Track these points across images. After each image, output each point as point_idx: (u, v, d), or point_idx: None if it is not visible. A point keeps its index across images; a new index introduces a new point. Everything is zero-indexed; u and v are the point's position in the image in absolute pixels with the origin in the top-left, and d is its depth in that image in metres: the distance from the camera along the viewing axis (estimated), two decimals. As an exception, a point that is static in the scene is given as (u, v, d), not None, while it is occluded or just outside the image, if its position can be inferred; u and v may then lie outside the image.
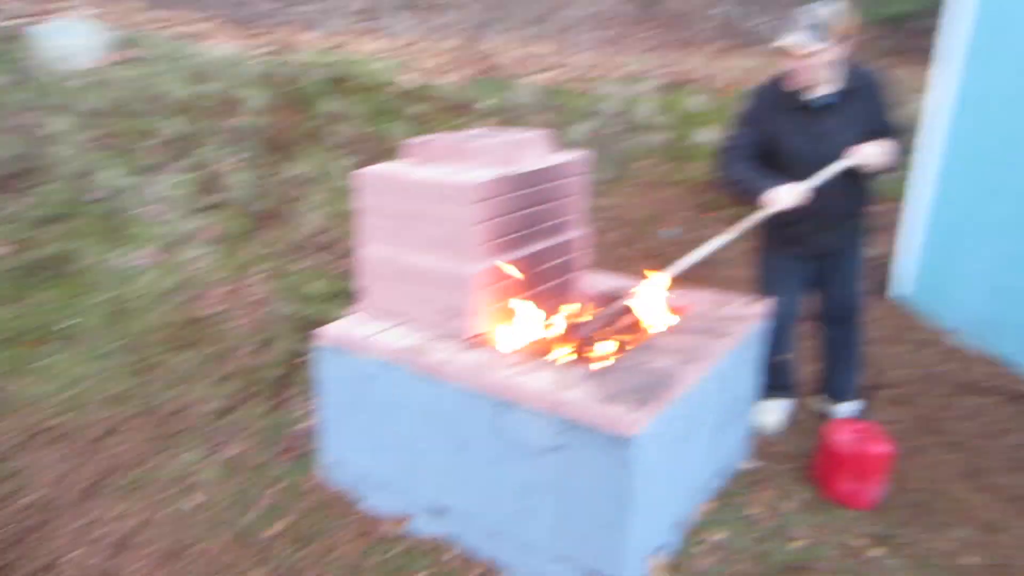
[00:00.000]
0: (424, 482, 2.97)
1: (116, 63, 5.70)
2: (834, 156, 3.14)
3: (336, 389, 3.16)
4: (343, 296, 4.68)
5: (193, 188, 4.96)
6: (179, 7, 10.43)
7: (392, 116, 6.41)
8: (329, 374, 3.16)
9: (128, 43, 5.83)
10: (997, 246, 4.44)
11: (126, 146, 4.99)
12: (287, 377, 3.98)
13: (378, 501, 3.15)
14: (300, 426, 3.67)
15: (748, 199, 3.23)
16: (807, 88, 3.22)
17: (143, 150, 5.04)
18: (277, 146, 5.55)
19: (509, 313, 3.07)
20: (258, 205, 5.07)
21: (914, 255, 5.27)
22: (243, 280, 4.52)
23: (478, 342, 2.91)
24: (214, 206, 4.92)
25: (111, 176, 4.77)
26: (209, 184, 5.05)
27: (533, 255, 3.14)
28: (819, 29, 3.03)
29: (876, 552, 2.85)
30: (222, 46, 6.51)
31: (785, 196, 3.09)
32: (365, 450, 3.13)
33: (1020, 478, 3.30)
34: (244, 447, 3.52)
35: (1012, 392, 3.98)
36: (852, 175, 3.26)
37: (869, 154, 3.10)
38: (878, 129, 3.22)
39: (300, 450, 3.52)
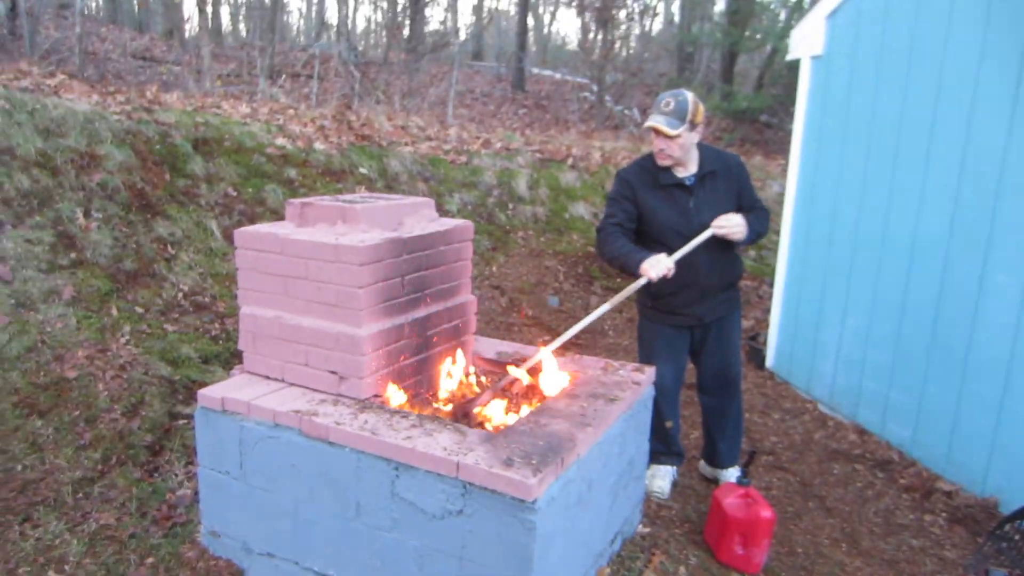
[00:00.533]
0: (314, 551, 2.91)
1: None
2: (703, 229, 3.34)
3: (218, 453, 3.08)
4: (219, 358, 4.50)
5: (49, 245, 4.73)
6: (21, 61, 9.84)
7: (266, 179, 6.28)
8: (210, 437, 3.08)
9: (-30, 92, 5.45)
10: (847, 322, 4.81)
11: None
12: (160, 442, 3.85)
13: (264, 572, 3.07)
14: (177, 493, 3.56)
15: (626, 271, 3.47)
16: (673, 167, 3.44)
17: (-9, 204, 4.67)
18: (143, 205, 5.36)
19: (401, 376, 3.02)
20: (125, 264, 4.91)
21: (781, 328, 5.61)
22: (109, 342, 4.32)
23: (370, 404, 2.87)
24: (74, 264, 4.72)
25: (-46, 231, 4.38)
26: (68, 242, 4.84)
27: (423, 319, 3.15)
28: (678, 114, 3.38)
29: (766, 614, 2.92)
30: (77, 101, 6.16)
31: (656, 266, 3.33)
32: (250, 517, 3.05)
33: (892, 542, 3.54)
34: (114, 517, 3.37)
35: (878, 459, 4.29)
36: (721, 249, 3.48)
37: (729, 224, 3.42)
38: (745, 206, 3.50)
39: (176, 519, 3.41)
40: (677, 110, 3.35)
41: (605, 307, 3.42)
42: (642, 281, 3.35)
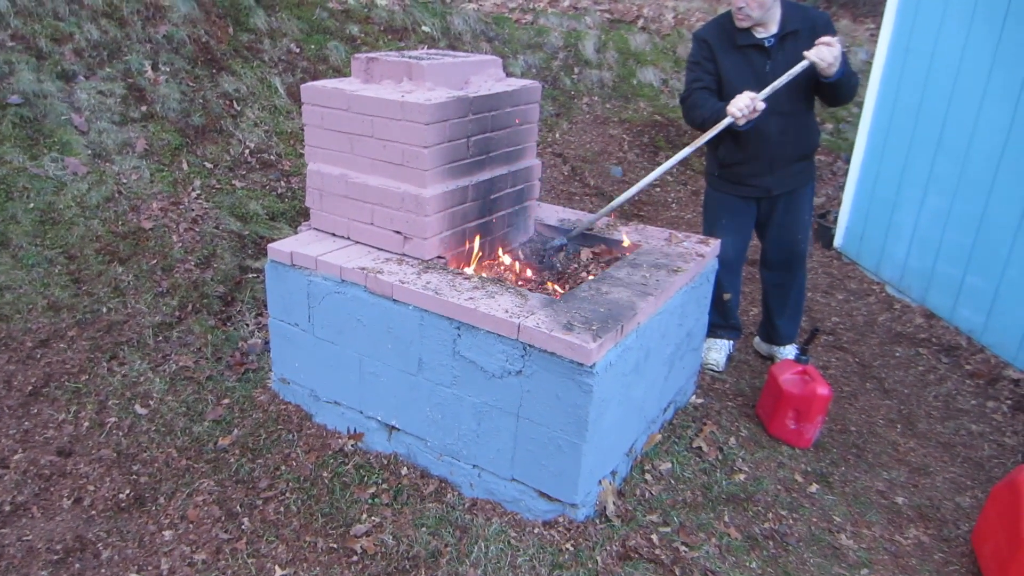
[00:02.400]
0: (377, 401, 3.04)
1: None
2: (781, 96, 3.14)
3: (287, 306, 3.19)
4: (285, 216, 4.62)
5: (120, 98, 4.78)
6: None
7: (328, 35, 6.16)
8: (280, 290, 3.18)
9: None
10: (927, 201, 4.60)
11: (44, 49, 4.70)
12: (231, 293, 4.01)
13: (331, 417, 3.23)
14: (249, 341, 3.72)
15: (713, 122, 3.24)
16: (753, 27, 3.22)
17: (63, 54, 4.73)
18: (208, 59, 5.34)
19: (466, 237, 3.03)
20: (193, 119, 4.94)
21: (854, 206, 5.41)
22: (181, 195, 4.44)
23: (433, 265, 2.94)
24: (145, 118, 4.77)
25: (30, 80, 4.51)
26: (138, 95, 4.88)
27: (487, 182, 3.10)
28: None
29: (813, 488, 3.08)
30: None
31: (739, 103, 3.10)
32: (317, 367, 3.19)
33: (950, 426, 3.51)
34: (192, 360, 3.57)
35: (944, 343, 4.21)
36: (796, 115, 3.28)
37: (824, 53, 3.10)
38: None
39: (249, 365, 3.59)
40: None
41: (685, 151, 3.27)
42: (727, 121, 3.14)
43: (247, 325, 3.82)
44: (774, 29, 3.30)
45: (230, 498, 2.82)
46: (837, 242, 5.66)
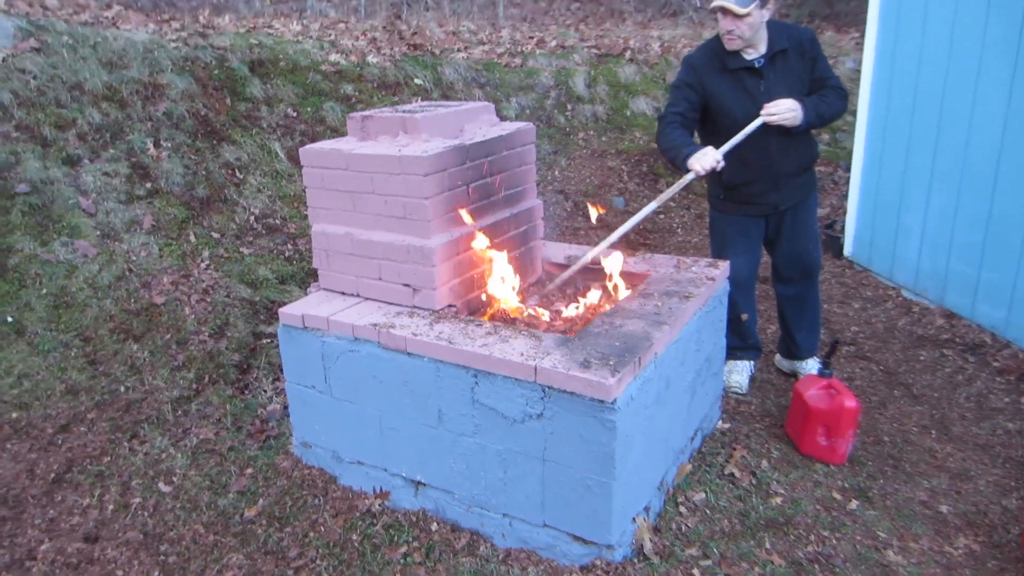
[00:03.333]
0: (400, 457, 2.99)
1: (25, 52, 5.35)
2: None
3: (302, 368, 3.15)
4: (295, 278, 4.63)
5: (125, 177, 4.82)
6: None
7: (323, 97, 6.22)
8: (294, 354, 3.16)
9: (35, 31, 5.47)
10: (932, 201, 4.54)
11: (49, 137, 4.77)
12: (247, 361, 3.99)
13: (355, 478, 3.18)
14: (268, 408, 3.70)
15: (676, 166, 3.31)
16: (743, 50, 3.22)
17: (67, 140, 4.81)
18: (208, 131, 5.40)
19: (474, 284, 3.02)
20: (197, 191, 4.98)
21: (859, 214, 5.36)
22: (191, 267, 4.45)
23: (445, 314, 2.91)
24: (150, 194, 4.81)
25: (36, 168, 4.58)
26: (142, 172, 4.93)
27: (491, 226, 3.08)
28: None
29: (853, 504, 2.99)
30: (135, 31, 6.15)
31: (703, 158, 3.15)
32: (338, 428, 3.15)
33: (985, 427, 3.42)
34: (212, 432, 3.54)
35: (969, 342, 4.12)
36: (798, 135, 3.28)
37: (778, 109, 3.17)
38: (818, 84, 3.26)
39: (269, 432, 3.55)
40: None
41: (652, 205, 3.28)
42: (689, 177, 3.18)
43: (265, 391, 3.78)
44: (763, 49, 3.29)
45: (260, 571, 2.74)
46: (847, 251, 5.59)
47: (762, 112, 3.19)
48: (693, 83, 3.36)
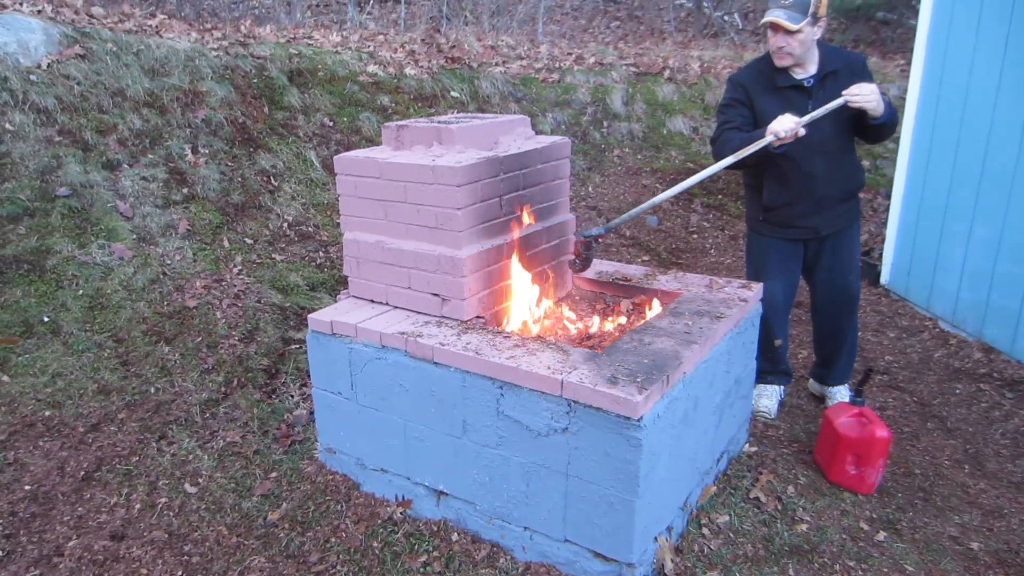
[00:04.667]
0: (424, 466, 3.04)
1: (70, 59, 5.58)
2: (820, 137, 3.16)
3: (329, 375, 3.22)
4: (325, 286, 4.72)
5: (163, 182, 4.99)
6: (123, 3, 10.18)
7: (360, 107, 6.37)
8: (322, 360, 3.22)
9: (80, 38, 5.70)
10: (975, 232, 4.51)
11: (90, 141, 4.95)
12: (275, 366, 4.08)
13: (378, 485, 3.24)
14: (295, 413, 3.78)
15: (751, 154, 3.18)
16: (792, 68, 3.24)
17: (107, 145, 4.99)
18: (246, 139, 5.56)
19: (504, 296, 3.11)
20: (232, 197, 5.13)
21: (899, 242, 5.34)
22: (223, 272, 4.58)
23: (473, 325, 2.95)
24: (186, 199, 4.97)
25: (77, 172, 4.75)
26: (179, 178, 5.09)
27: (522, 239, 3.12)
28: (800, 6, 3.17)
29: (881, 536, 2.97)
30: (177, 40, 6.36)
31: (782, 122, 3.07)
32: (363, 435, 3.21)
33: (1021, 464, 3.43)
34: (239, 435, 3.63)
35: (1007, 378, 4.09)
36: (842, 154, 3.27)
37: (863, 92, 3.11)
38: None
39: (295, 437, 3.63)
40: (798, 2, 3.13)
41: (724, 163, 3.19)
42: (767, 140, 3.09)
43: (292, 397, 3.87)
44: (813, 70, 3.32)
45: (282, 574, 2.81)
46: (884, 279, 5.56)
47: (844, 92, 3.13)
48: (743, 99, 3.38)
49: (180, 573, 2.82)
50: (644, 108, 8.10)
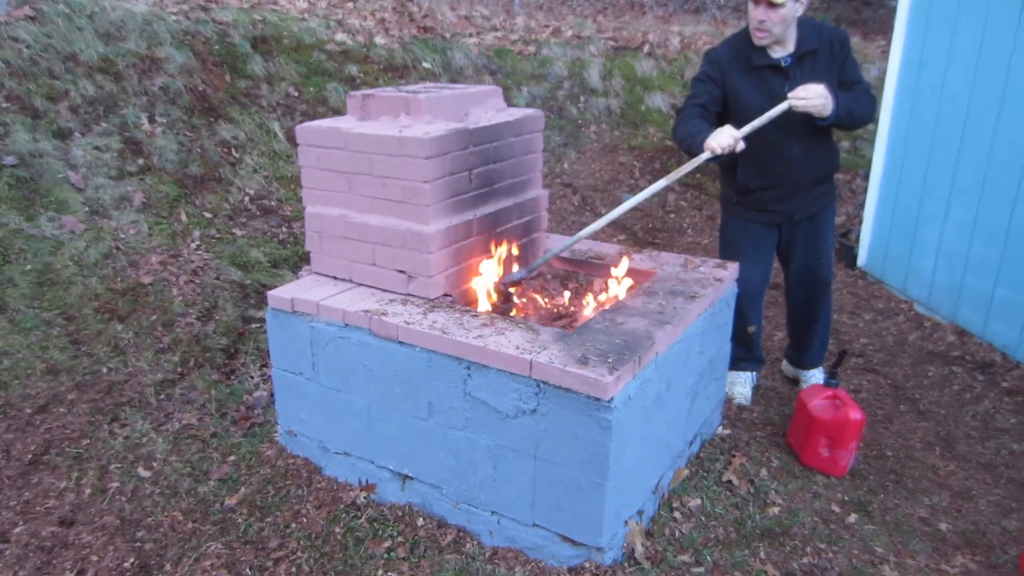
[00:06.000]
0: (388, 449, 3.02)
1: (19, 20, 5.40)
2: (797, 115, 3.12)
3: (290, 354, 3.18)
4: (288, 262, 4.67)
5: (117, 152, 4.86)
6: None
7: (327, 77, 6.26)
8: (282, 339, 3.18)
9: (30, -4, 5.54)
10: (951, 214, 4.56)
11: (40, 108, 4.82)
12: (234, 345, 4.02)
13: (341, 469, 3.21)
14: (254, 394, 3.72)
15: (692, 152, 3.22)
16: (770, 47, 3.22)
17: (58, 112, 4.86)
18: (206, 108, 5.45)
19: (472, 273, 3.10)
20: (191, 169, 5.02)
21: (876, 224, 5.38)
22: (180, 247, 4.49)
23: (440, 303, 2.94)
24: (142, 171, 4.85)
25: (25, 140, 4.62)
26: (135, 148, 4.96)
27: (492, 215, 3.11)
28: None
29: (852, 518, 3.02)
30: (134, 3, 6.19)
31: (719, 138, 3.07)
32: (325, 417, 3.17)
33: (990, 446, 3.48)
34: (195, 417, 3.57)
35: (979, 360, 4.15)
36: (816, 138, 3.26)
37: (808, 95, 3.08)
38: (845, 88, 3.25)
39: (254, 419, 3.58)
40: None
41: (658, 184, 3.18)
42: (703, 157, 3.10)
43: (251, 377, 3.81)
44: (791, 48, 3.28)
45: (239, 561, 2.77)
46: (861, 261, 5.61)
47: (789, 96, 3.10)
48: (716, 77, 3.35)
49: (132, 560, 2.78)
50: (622, 84, 8.06)
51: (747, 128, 3.12)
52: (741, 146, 3.08)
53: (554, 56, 7.98)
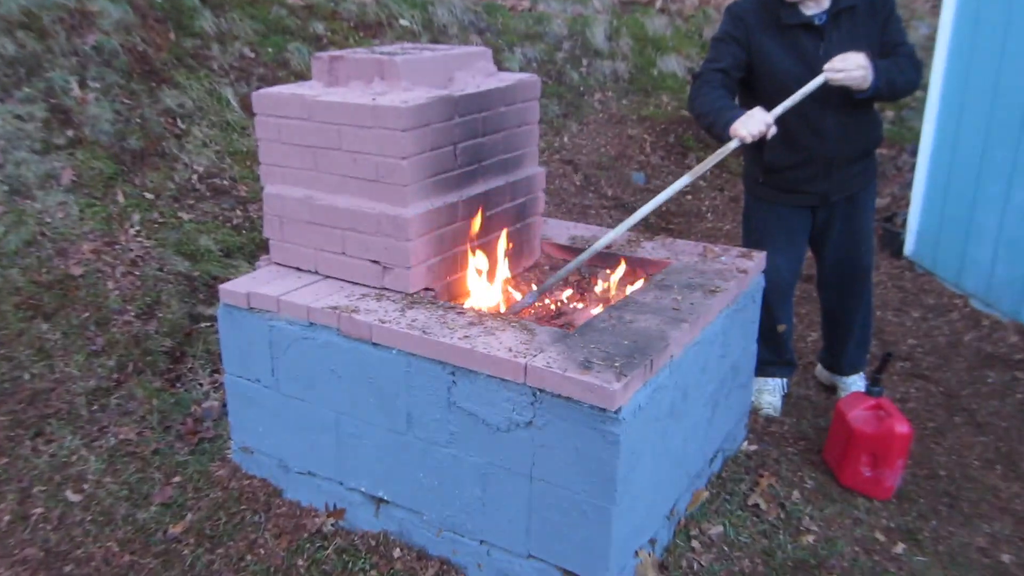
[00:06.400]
0: (360, 469, 3.01)
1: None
2: (833, 86, 3.13)
3: (245, 358, 3.18)
4: (243, 251, 4.73)
5: (42, 122, 4.84)
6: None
7: (288, 36, 6.27)
8: (236, 340, 3.18)
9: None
10: (1014, 196, 4.57)
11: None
12: (180, 348, 4.02)
13: (305, 492, 3.21)
14: (203, 405, 3.72)
15: (713, 134, 3.27)
16: (801, 1, 3.21)
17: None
18: (146, 71, 5.44)
19: (457, 264, 3.10)
20: (129, 142, 5.00)
21: (925, 207, 5.39)
22: (117, 233, 4.48)
23: (420, 299, 2.94)
24: (71, 144, 4.82)
25: (-66, 107, 4.55)
26: (62, 117, 4.94)
27: (481, 196, 3.11)
28: None
29: (899, 548, 3.01)
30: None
31: (749, 125, 3.08)
32: (286, 431, 3.17)
33: (1061, 465, 3.43)
34: (134, 431, 3.56)
35: (1046, 365, 4.14)
36: (854, 109, 3.26)
37: (846, 65, 3.08)
38: (888, 50, 3.23)
39: (203, 434, 3.58)
40: None
41: (683, 180, 3.22)
42: (732, 146, 3.13)
43: (200, 385, 3.81)
44: (826, 4, 3.27)
45: (185, 598, 2.77)
46: (907, 249, 5.63)
47: (825, 68, 3.11)
48: (739, 37, 3.34)
49: (60, 598, 2.77)
50: (631, 44, 8.08)
51: (778, 109, 3.13)
52: (773, 131, 3.09)
53: (552, 12, 7.98)
